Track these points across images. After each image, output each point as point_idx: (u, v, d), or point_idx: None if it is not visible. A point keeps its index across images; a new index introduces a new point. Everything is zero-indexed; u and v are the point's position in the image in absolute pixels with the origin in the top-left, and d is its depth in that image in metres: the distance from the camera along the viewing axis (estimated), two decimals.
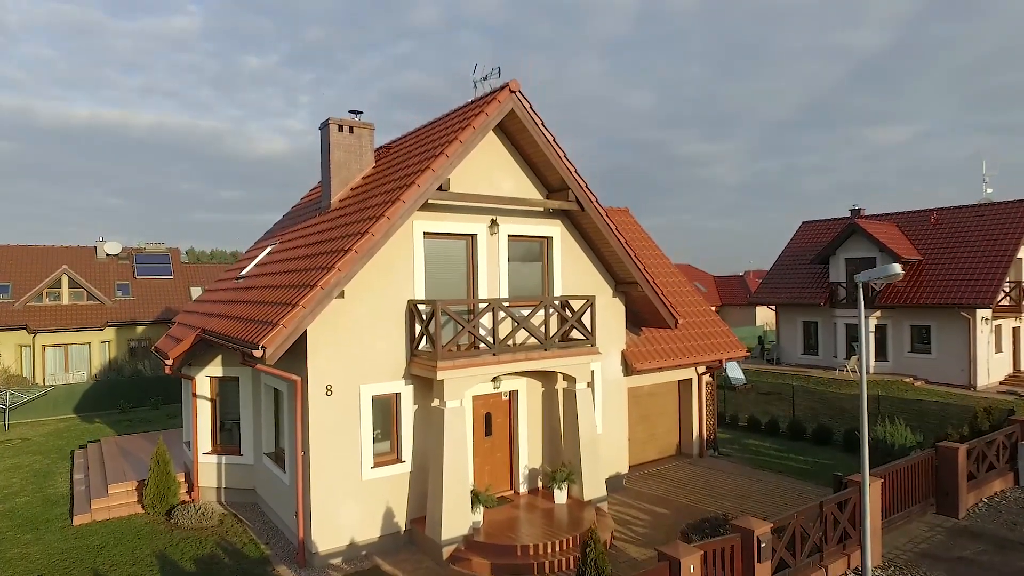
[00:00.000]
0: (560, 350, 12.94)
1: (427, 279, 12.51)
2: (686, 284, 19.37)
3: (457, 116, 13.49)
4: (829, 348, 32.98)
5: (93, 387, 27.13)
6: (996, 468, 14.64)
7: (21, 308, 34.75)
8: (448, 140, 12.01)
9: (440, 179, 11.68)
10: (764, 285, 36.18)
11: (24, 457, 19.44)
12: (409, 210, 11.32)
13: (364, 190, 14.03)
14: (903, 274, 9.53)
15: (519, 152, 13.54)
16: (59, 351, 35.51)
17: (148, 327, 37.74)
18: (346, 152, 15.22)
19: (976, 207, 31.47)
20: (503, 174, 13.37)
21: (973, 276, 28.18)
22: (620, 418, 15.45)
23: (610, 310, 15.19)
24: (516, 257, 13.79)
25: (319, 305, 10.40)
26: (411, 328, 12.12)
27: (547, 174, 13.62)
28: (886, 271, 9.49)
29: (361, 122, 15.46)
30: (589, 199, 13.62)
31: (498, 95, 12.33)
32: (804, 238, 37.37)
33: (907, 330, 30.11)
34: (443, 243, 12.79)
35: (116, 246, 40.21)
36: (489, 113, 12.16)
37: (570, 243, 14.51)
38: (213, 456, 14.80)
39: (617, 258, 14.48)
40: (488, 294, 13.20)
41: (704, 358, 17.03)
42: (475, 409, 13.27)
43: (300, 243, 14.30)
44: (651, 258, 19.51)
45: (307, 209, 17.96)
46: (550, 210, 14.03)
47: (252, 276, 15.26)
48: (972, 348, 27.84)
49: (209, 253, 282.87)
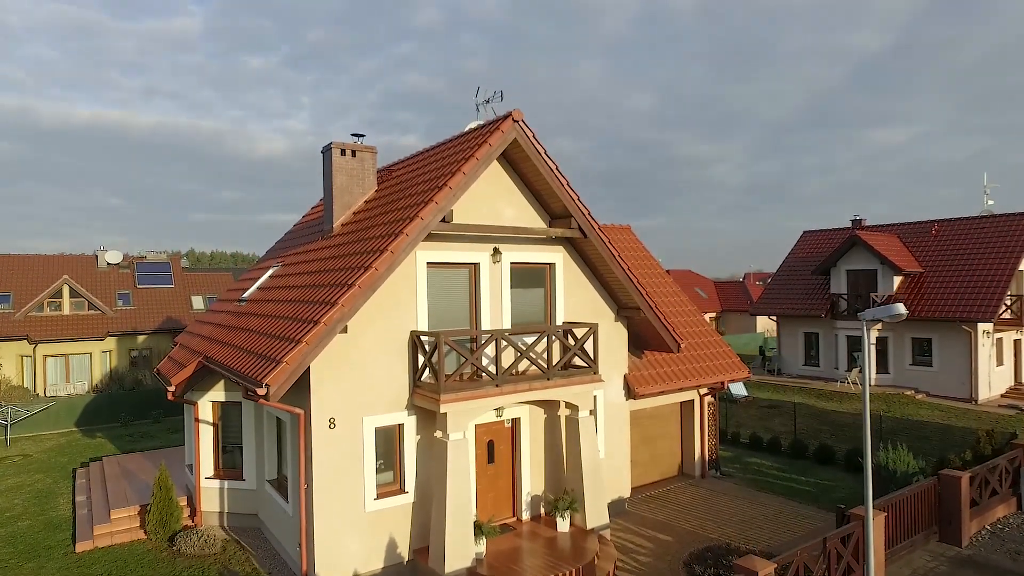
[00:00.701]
0: (562, 379, 12.93)
1: (430, 308, 12.51)
2: (688, 304, 19.37)
3: (460, 144, 13.48)
4: (830, 360, 32.96)
5: (94, 400, 27.12)
6: (999, 493, 14.63)
7: (22, 318, 34.76)
8: (451, 171, 12.00)
9: (444, 211, 11.67)
10: (765, 295, 36.17)
11: (26, 476, 19.43)
12: (412, 243, 11.32)
13: (366, 216, 14.02)
14: (907, 314, 9.51)
15: (522, 179, 13.54)
16: (60, 361, 35.50)
17: (149, 336, 37.74)
18: (348, 176, 15.21)
19: (977, 219, 31.46)
20: (505, 201, 13.36)
21: (974, 290, 28.17)
22: (622, 442, 15.45)
23: (613, 335, 15.19)
24: (519, 284, 13.78)
25: (322, 341, 10.39)
26: (414, 359, 12.11)
27: (550, 201, 13.62)
28: (889, 311, 9.48)
29: (363, 145, 15.45)
30: (592, 226, 13.62)
31: (501, 124, 12.32)
32: (805, 248, 37.36)
33: (908, 343, 30.10)
34: (446, 272, 12.78)
35: (117, 255, 40.21)
36: (492, 143, 12.15)
37: (573, 269, 14.50)
38: (215, 481, 14.79)
39: (620, 283, 14.47)
40: (491, 322, 13.19)
41: (706, 380, 17.02)
42: (478, 437, 13.26)
43: (303, 268, 14.30)
44: (652, 276, 19.50)
45: (309, 230, 17.95)
46: (553, 236, 14.02)
47: (255, 300, 15.24)
48: (973, 362, 27.83)
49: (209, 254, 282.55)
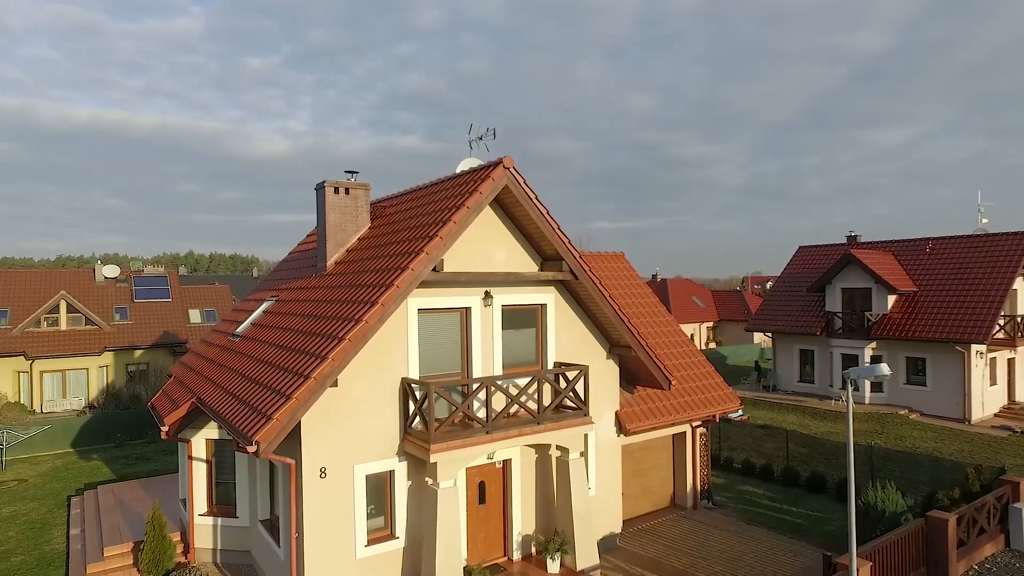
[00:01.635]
0: (553, 423, 13.02)
1: (421, 354, 12.59)
2: (680, 333, 19.45)
3: (452, 187, 13.55)
4: (825, 377, 33.08)
5: (89, 421, 27.19)
6: (987, 531, 14.73)
7: (19, 334, 34.83)
8: (442, 219, 12.08)
9: (434, 261, 11.75)
10: (761, 311, 36.27)
11: (20, 504, 19.50)
12: (403, 294, 11.40)
13: (359, 257, 14.10)
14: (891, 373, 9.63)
15: (513, 221, 13.62)
16: (56, 377, 35.58)
17: (146, 351, 37.81)
18: (342, 214, 15.30)
19: (971, 238, 31.58)
20: (497, 245, 13.45)
21: (968, 310, 28.28)
22: (614, 479, 15.54)
23: (604, 372, 15.27)
24: (510, 325, 13.87)
25: (312, 396, 10.47)
26: (405, 405, 12.20)
27: (541, 243, 13.70)
28: (874, 371, 9.59)
29: (357, 183, 15.53)
30: (583, 268, 13.70)
31: (492, 172, 12.40)
32: (801, 263, 37.48)
33: (902, 361, 30.22)
34: (437, 317, 12.87)
35: (114, 269, 40.29)
36: (483, 191, 12.23)
37: (564, 308, 14.59)
38: (209, 517, 14.87)
39: (611, 322, 14.56)
40: (482, 364, 13.28)
41: (698, 413, 17.11)
42: (469, 478, 13.35)
43: (296, 309, 14.37)
44: (645, 307, 19.59)
45: (302, 262, 18.02)
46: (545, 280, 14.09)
47: (248, 337, 15.31)
48: (967, 382, 27.94)
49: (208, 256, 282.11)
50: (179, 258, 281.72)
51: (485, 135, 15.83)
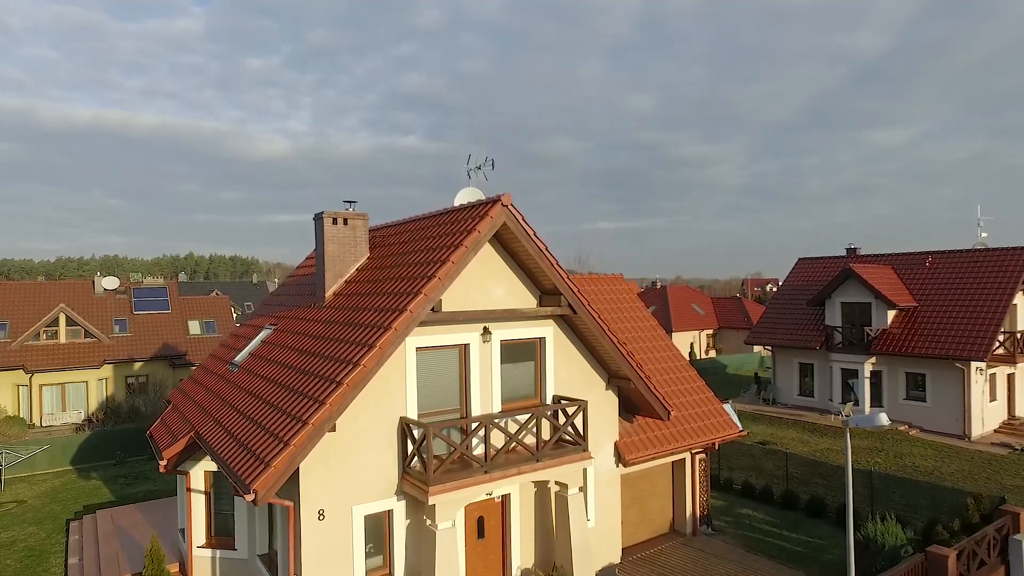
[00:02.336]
0: (552, 459, 13.00)
1: (420, 392, 12.56)
2: (679, 358, 19.41)
3: (451, 221, 13.50)
4: (824, 391, 33.05)
5: (89, 438, 27.18)
6: (987, 563, 14.71)
7: (18, 348, 34.82)
8: (440, 259, 12.06)
9: (432, 302, 11.73)
10: (761, 324, 36.24)
11: (19, 528, 19.48)
12: (401, 336, 11.37)
13: (357, 291, 14.08)
14: (889, 423, 9.62)
15: (511, 256, 13.59)
16: (56, 390, 35.58)
17: (146, 363, 37.81)
18: (340, 245, 15.27)
19: (971, 253, 31.55)
20: (495, 280, 13.42)
21: (968, 327, 28.25)
22: (613, 509, 15.51)
23: (603, 403, 15.25)
24: (509, 359, 13.84)
25: (311, 442, 10.45)
26: (403, 445, 12.17)
27: (539, 277, 13.67)
28: (873, 421, 9.58)
29: (355, 213, 15.52)
30: (581, 303, 13.68)
31: (490, 210, 12.38)
32: (800, 276, 37.45)
33: (902, 377, 30.20)
34: (435, 354, 12.84)
35: (114, 281, 40.27)
36: (481, 230, 12.21)
37: (563, 341, 14.57)
38: (207, 550, 14.83)
39: (610, 353, 14.54)
40: (481, 400, 13.26)
41: (697, 441, 17.08)
42: (468, 513, 13.32)
43: (294, 343, 14.33)
44: (643, 331, 19.57)
45: (301, 289, 17.99)
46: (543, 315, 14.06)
47: (246, 368, 15.28)
48: (967, 399, 27.92)
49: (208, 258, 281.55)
50: (179, 260, 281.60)
51: (483, 165, 15.85)
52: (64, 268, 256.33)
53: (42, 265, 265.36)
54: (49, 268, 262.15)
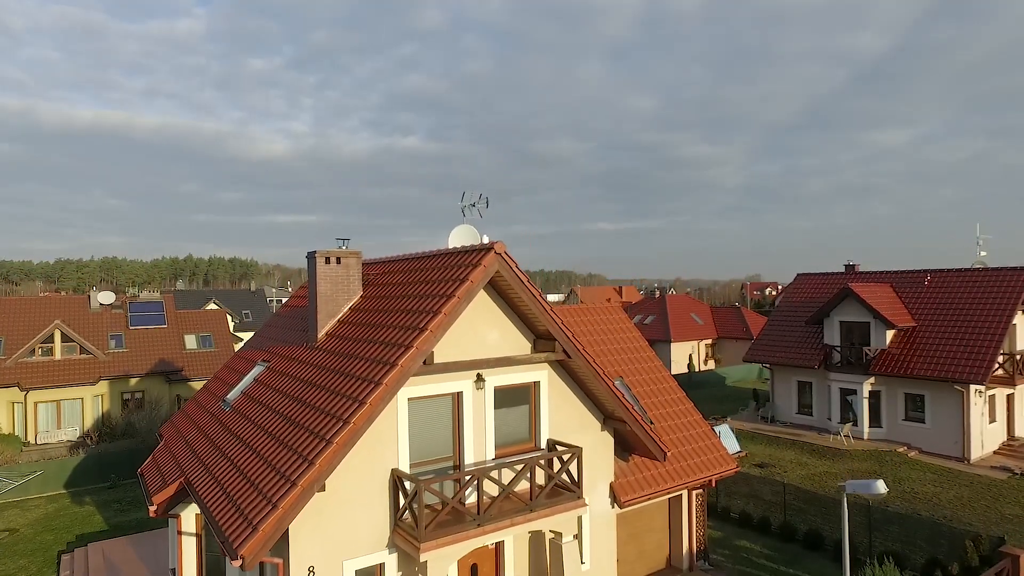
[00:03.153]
0: (546, 508, 12.83)
1: (412, 442, 12.39)
2: (676, 390, 19.25)
3: (443, 268, 13.32)
4: (823, 410, 32.88)
5: (83, 461, 27.01)
6: None
7: (13, 365, 34.64)
8: (433, 309, 11.89)
9: (424, 355, 11.57)
10: (759, 342, 36.07)
11: (10, 561, 19.31)
12: (392, 392, 11.21)
13: (350, 334, 13.91)
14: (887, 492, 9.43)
15: (504, 300, 13.43)
16: (51, 407, 35.41)
17: (142, 379, 37.64)
18: (333, 285, 15.11)
19: (970, 272, 31.39)
20: (489, 325, 13.26)
21: (967, 349, 28.08)
22: (608, 552, 15.34)
23: (598, 445, 15.08)
24: (502, 404, 13.68)
25: (300, 503, 10.28)
26: (395, 497, 12.00)
27: (533, 321, 13.51)
28: (870, 488, 9.42)
29: (348, 251, 15.34)
30: (576, 348, 13.52)
31: (483, 259, 12.21)
32: (799, 292, 37.28)
33: (901, 397, 30.04)
34: (428, 403, 12.67)
35: (109, 296, 40.11)
36: (475, 280, 12.04)
37: (557, 383, 14.40)
38: None
39: (605, 396, 14.38)
40: (474, 447, 13.09)
41: (694, 478, 16.92)
42: (461, 561, 13.15)
43: (285, 386, 14.16)
44: (640, 362, 19.41)
45: (294, 321, 17.82)
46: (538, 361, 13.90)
47: (238, 410, 15.09)
48: (966, 421, 27.76)
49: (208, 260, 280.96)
50: (178, 262, 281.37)
51: (478, 202, 15.69)
52: (63, 270, 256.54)
53: (41, 267, 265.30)
54: (48, 270, 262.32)
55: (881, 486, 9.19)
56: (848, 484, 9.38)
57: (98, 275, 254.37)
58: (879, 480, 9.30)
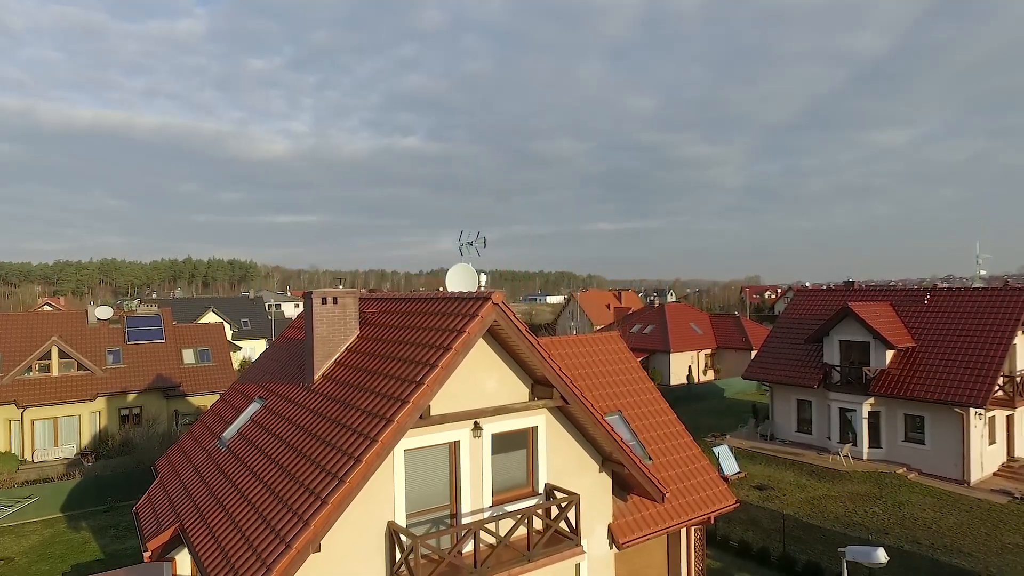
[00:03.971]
0: (544, 558, 12.76)
1: (408, 493, 12.29)
2: (675, 423, 19.15)
3: (440, 316, 13.21)
4: (823, 429, 32.80)
5: (80, 484, 26.92)
6: None
7: (10, 382, 34.53)
8: (429, 362, 11.80)
9: (421, 409, 11.47)
10: (758, 360, 35.98)
11: None
12: (389, 448, 11.11)
13: (346, 380, 13.81)
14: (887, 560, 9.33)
15: (501, 346, 13.33)
16: (48, 424, 35.29)
17: (140, 395, 37.54)
18: (329, 326, 15.01)
19: (970, 291, 31.32)
20: (487, 372, 13.16)
21: (966, 371, 28.01)
22: None
23: (596, 486, 14.97)
24: (500, 449, 13.57)
25: (293, 566, 10.17)
26: (391, 550, 11.90)
27: (531, 366, 13.41)
28: (870, 556, 9.33)
29: (345, 291, 15.25)
30: (574, 394, 13.43)
31: (480, 310, 12.12)
32: (799, 308, 37.18)
33: (901, 418, 29.96)
34: (424, 453, 12.56)
35: (107, 311, 39.98)
36: (472, 332, 11.95)
37: (555, 427, 14.31)
38: None
39: (604, 438, 14.28)
40: (471, 495, 12.99)
41: (693, 516, 16.83)
42: None
43: (281, 431, 14.04)
44: (639, 394, 19.32)
45: (291, 353, 17.71)
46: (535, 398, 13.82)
47: (234, 452, 14.99)
48: (966, 444, 27.69)
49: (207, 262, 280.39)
50: (177, 263, 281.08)
51: (475, 241, 15.60)
52: (62, 272, 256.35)
53: (40, 268, 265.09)
54: (47, 271, 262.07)
55: (882, 555, 9.10)
56: (848, 551, 9.29)
57: (97, 277, 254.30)
58: (879, 548, 9.21)
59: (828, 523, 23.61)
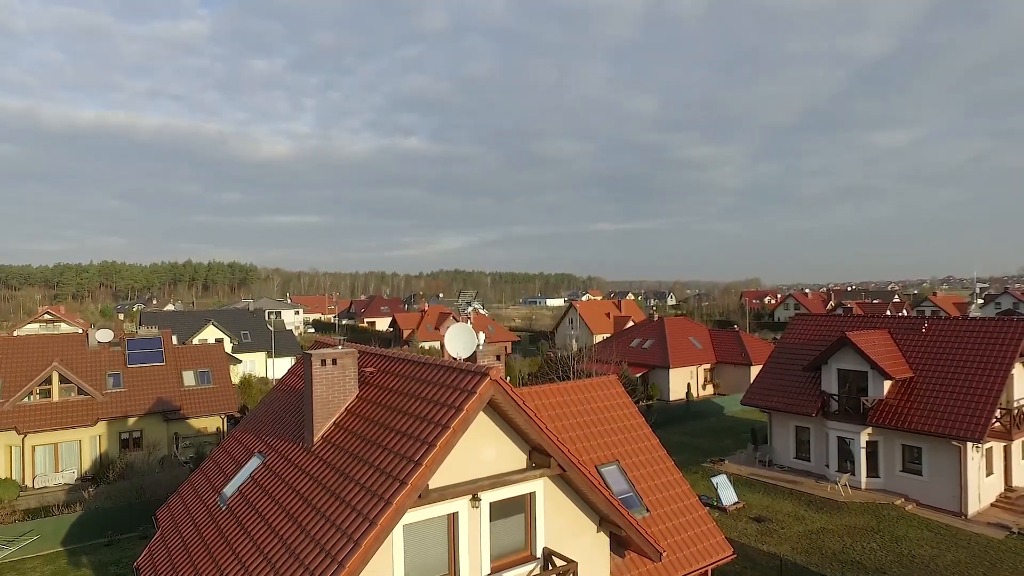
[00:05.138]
0: None
1: (406, 566, 12.37)
2: (672, 471, 19.26)
3: (439, 383, 13.30)
4: (821, 456, 32.91)
5: (80, 517, 26.99)
6: None
7: (11, 408, 34.63)
8: (427, 440, 11.90)
9: (420, 490, 11.56)
10: (756, 386, 36.10)
11: None
12: (388, 530, 11.21)
13: (345, 446, 13.91)
14: None
15: (500, 416, 13.43)
16: (49, 450, 35.41)
17: (140, 419, 37.66)
18: (329, 387, 15.11)
19: (968, 321, 31.42)
20: (485, 442, 13.25)
21: (964, 404, 28.11)
22: None
23: (594, 547, 15.07)
24: (498, 516, 13.64)
25: None
26: None
27: (529, 435, 13.51)
28: None
29: (344, 351, 15.35)
30: (572, 463, 13.53)
31: (479, 387, 12.21)
32: (797, 334, 37.28)
33: (899, 448, 30.08)
34: (423, 527, 12.65)
35: (107, 334, 40.08)
36: (470, 410, 12.04)
37: (553, 491, 14.39)
38: None
39: (602, 503, 14.38)
40: (470, 564, 13.07)
41: (691, 570, 16.93)
42: None
43: (279, 495, 14.13)
44: (636, 441, 19.44)
45: (291, 404, 17.80)
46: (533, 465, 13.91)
47: (233, 511, 15.09)
48: (963, 477, 27.79)
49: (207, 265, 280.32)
50: (177, 266, 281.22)
51: (472, 300, 15.71)
52: (63, 275, 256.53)
53: (40, 271, 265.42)
54: (47, 274, 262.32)
55: None
56: None
57: (97, 280, 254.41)
58: None
59: (826, 561, 23.74)
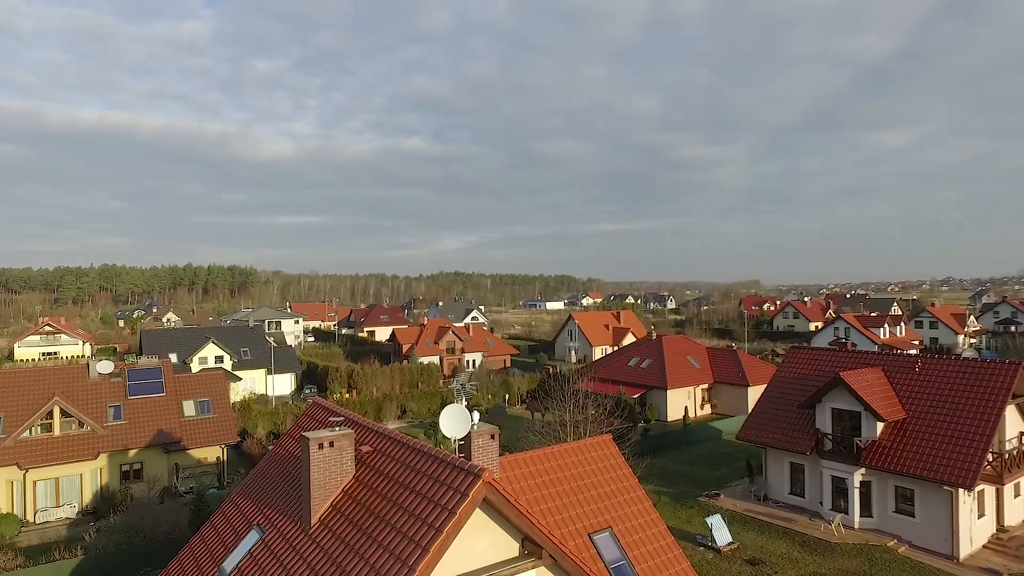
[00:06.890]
0: None
1: None
2: (665, 536, 19.54)
3: (433, 477, 13.60)
4: (815, 492, 33.21)
5: (79, 565, 27.25)
6: None
7: (12, 444, 34.94)
8: (420, 543, 12.20)
9: None
10: (752, 422, 36.38)
11: None
12: None
13: (340, 533, 14.21)
14: None
15: (492, 509, 13.71)
16: (50, 484, 35.72)
17: (141, 451, 37.96)
18: (326, 470, 15.41)
19: (960, 362, 31.72)
20: (478, 534, 13.53)
21: (955, 448, 28.40)
22: None
23: None
24: None
25: None
26: None
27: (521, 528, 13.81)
28: None
29: (341, 432, 15.66)
30: (563, 553, 13.83)
31: (472, 490, 12.51)
32: (793, 367, 37.59)
33: (892, 489, 30.36)
34: None
35: (108, 365, 40.37)
36: (463, 515, 12.35)
37: None
38: None
39: None
40: None
41: None
42: None
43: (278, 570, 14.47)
44: (629, 504, 19.72)
45: (291, 473, 18.09)
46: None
47: None
48: (954, 521, 28.08)
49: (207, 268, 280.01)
50: (177, 270, 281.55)
51: (468, 381, 15.97)
52: (63, 278, 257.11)
53: (40, 273, 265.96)
54: (48, 277, 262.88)
55: None
56: None
57: (97, 283, 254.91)
58: None
59: None
